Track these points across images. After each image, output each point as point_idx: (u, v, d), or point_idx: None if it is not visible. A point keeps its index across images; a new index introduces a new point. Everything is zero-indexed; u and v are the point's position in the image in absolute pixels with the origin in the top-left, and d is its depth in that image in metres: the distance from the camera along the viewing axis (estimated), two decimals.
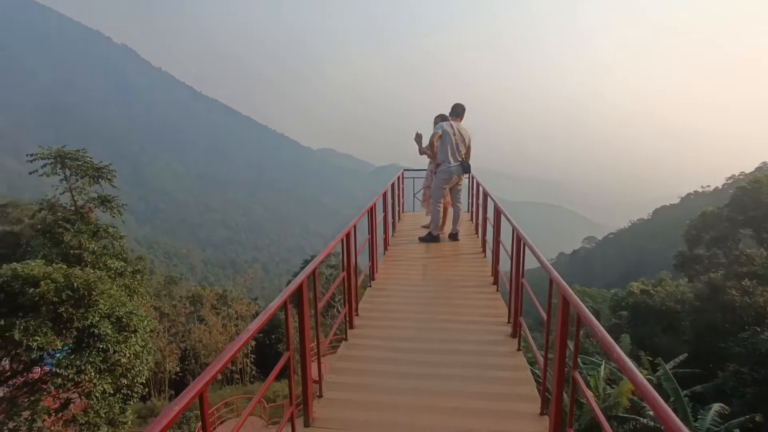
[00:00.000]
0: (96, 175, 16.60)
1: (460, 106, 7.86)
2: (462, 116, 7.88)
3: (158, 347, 28.80)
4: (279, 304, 2.47)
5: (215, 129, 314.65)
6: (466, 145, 7.77)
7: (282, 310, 2.59)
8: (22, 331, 7.99)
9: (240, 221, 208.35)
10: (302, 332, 2.90)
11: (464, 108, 7.92)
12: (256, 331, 2.16)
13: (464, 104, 7.97)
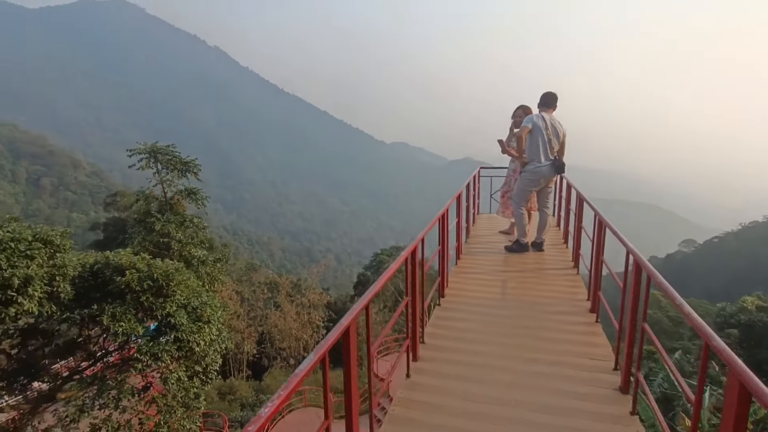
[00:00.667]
0: (183, 168, 17.74)
1: (551, 95, 6.65)
2: (554, 107, 6.67)
3: (238, 329, 30.69)
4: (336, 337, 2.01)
5: (296, 124, 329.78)
6: (560, 141, 6.64)
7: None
8: (110, 317, 8.56)
9: (316, 212, 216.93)
10: (348, 391, 2.32)
11: (556, 97, 6.65)
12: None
13: (556, 94, 6.70)
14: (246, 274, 44.33)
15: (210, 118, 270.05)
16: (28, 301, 7.74)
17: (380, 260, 54.06)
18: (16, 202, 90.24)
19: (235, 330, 30.10)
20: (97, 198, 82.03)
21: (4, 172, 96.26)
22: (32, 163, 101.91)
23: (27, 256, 7.83)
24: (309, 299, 36.16)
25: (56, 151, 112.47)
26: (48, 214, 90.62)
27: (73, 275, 8.88)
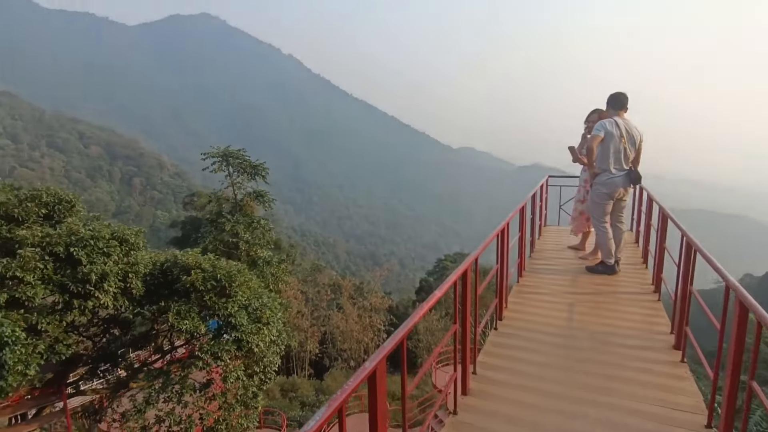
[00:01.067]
0: (253, 172, 18.41)
1: (623, 96, 5.86)
2: (626, 108, 5.88)
3: (302, 328, 31.46)
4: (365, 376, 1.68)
5: (363, 129, 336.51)
6: (636, 148, 5.87)
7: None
8: (175, 314, 8.86)
9: (381, 216, 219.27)
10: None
11: (627, 97, 5.87)
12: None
13: (627, 93, 5.88)
14: (311, 274, 45.59)
15: (283, 123, 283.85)
16: (104, 296, 8.21)
17: (443, 266, 53.13)
18: (111, 200, 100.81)
19: (299, 328, 30.86)
20: (179, 197, 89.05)
21: (102, 172, 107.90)
22: (125, 164, 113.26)
23: (104, 253, 8.32)
24: (371, 302, 36.28)
25: (146, 154, 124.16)
26: (137, 211, 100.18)
27: (145, 272, 9.35)
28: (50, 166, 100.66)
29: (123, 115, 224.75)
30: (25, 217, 8.17)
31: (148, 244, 36.28)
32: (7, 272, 7.14)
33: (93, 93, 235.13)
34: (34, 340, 7.52)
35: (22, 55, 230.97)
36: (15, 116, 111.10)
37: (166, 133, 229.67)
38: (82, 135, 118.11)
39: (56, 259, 7.91)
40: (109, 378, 11.97)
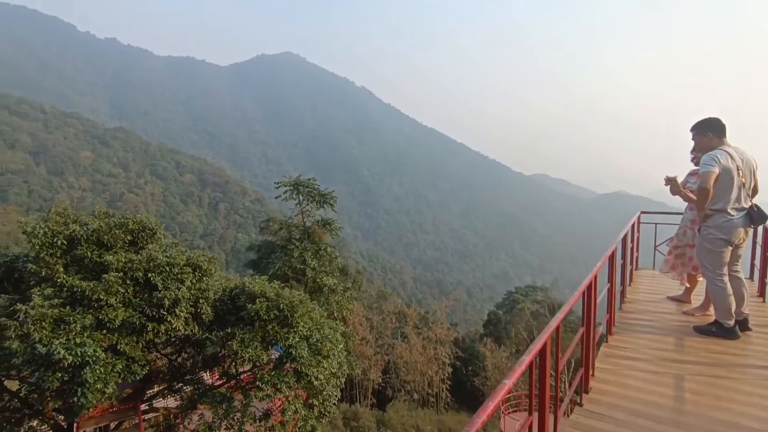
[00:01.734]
0: (321, 200, 18.89)
1: (721, 121, 4.99)
2: (725, 134, 4.96)
3: (366, 356, 31.18)
4: None
5: (432, 156, 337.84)
6: (754, 180, 4.92)
7: None
8: (239, 342, 9.04)
9: (449, 243, 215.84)
10: None
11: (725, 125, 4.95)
12: None
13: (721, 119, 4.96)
14: (377, 301, 45.48)
15: (355, 150, 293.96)
16: (176, 320, 8.59)
17: (514, 299, 50.43)
18: (200, 222, 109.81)
19: (363, 356, 30.60)
20: (257, 221, 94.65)
21: (193, 197, 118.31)
22: (213, 191, 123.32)
23: (178, 280, 8.76)
24: (436, 334, 35.22)
25: (231, 181, 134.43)
26: (221, 234, 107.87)
27: (214, 299, 9.71)
28: (152, 192, 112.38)
29: (213, 145, 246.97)
30: (113, 243, 8.89)
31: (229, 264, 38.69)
32: (94, 294, 7.73)
33: (190, 126, 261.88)
34: (113, 360, 8.00)
35: (136, 96, 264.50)
36: (127, 148, 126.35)
37: (249, 161, 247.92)
38: (178, 164, 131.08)
39: (136, 284, 8.45)
40: (183, 395, 12.51)
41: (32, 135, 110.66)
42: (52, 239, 8.28)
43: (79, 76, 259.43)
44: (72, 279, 7.94)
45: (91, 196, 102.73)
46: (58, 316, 7.43)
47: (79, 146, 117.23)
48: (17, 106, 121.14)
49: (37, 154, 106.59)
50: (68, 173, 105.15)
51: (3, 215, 75.55)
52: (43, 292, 7.74)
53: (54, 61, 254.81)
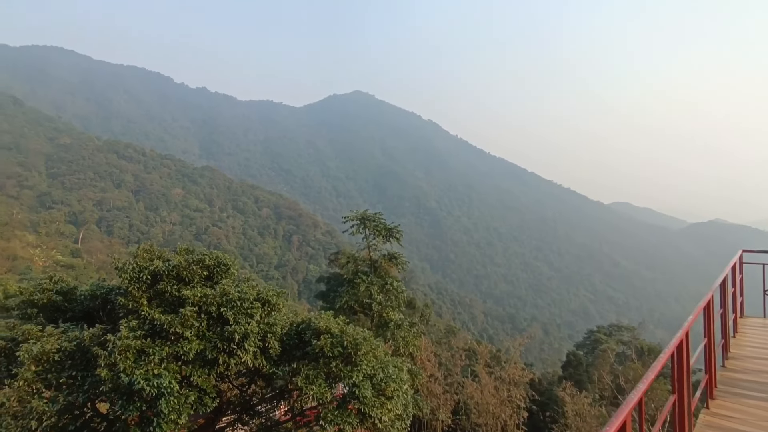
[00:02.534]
0: (388, 234, 18.90)
1: None
2: None
3: (435, 393, 29.99)
4: None
5: (501, 186, 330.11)
6: None
7: None
8: (304, 378, 9.03)
9: (521, 277, 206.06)
10: None
11: None
12: None
13: None
14: (445, 336, 44.01)
15: (423, 183, 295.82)
16: (245, 355, 8.79)
17: (596, 339, 46.38)
18: (275, 254, 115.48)
19: (432, 394, 29.46)
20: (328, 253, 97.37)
21: (269, 230, 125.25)
22: (288, 223, 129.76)
23: (248, 314, 9.04)
24: (509, 374, 33.08)
25: (304, 214, 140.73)
26: (294, 265, 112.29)
27: (282, 333, 9.87)
28: (233, 225, 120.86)
29: (288, 180, 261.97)
30: (190, 278, 9.44)
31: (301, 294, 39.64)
32: (171, 328, 8.19)
33: (267, 163, 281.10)
34: (186, 392, 8.31)
35: (222, 137, 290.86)
36: (212, 185, 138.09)
37: (321, 195, 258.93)
38: (257, 199, 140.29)
39: (210, 318, 8.84)
40: (251, 427, 12.70)
41: (135, 175, 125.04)
42: (138, 274, 8.99)
43: (174, 121, 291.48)
44: (153, 312, 8.49)
45: (180, 229, 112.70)
46: (140, 347, 7.93)
47: (171, 184, 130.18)
48: (125, 150, 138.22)
49: (138, 192, 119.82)
50: (162, 209, 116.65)
51: (108, 247, 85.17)
52: (129, 323, 8.34)
53: (155, 110, 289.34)
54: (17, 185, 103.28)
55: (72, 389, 8.28)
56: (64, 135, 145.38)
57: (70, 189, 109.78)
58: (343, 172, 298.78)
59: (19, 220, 77.43)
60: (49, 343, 8.18)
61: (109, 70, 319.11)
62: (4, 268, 51.17)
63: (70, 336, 8.61)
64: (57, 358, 8.28)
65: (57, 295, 10.39)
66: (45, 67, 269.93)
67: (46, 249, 66.68)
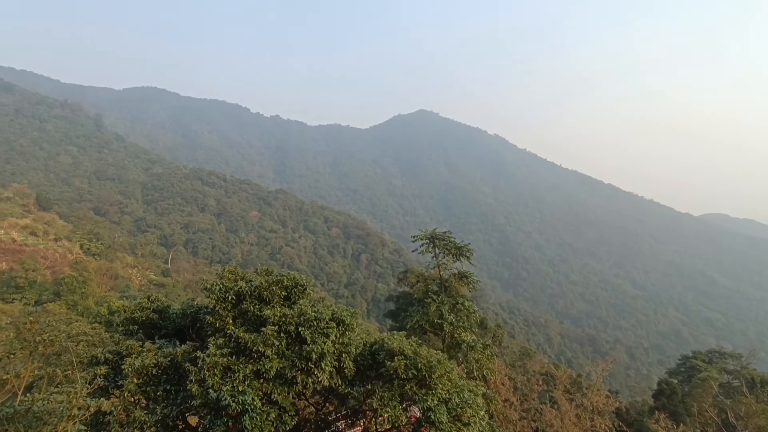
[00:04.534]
0: (458, 253, 18.55)
1: None
2: None
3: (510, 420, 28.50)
4: None
5: (576, 199, 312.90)
6: None
7: None
8: (378, 400, 8.98)
9: (601, 296, 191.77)
10: None
11: None
12: None
13: None
14: (520, 359, 41.88)
15: (490, 199, 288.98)
16: (321, 374, 8.96)
17: (693, 366, 41.93)
18: (344, 272, 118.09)
19: (507, 420, 28.08)
20: (396, 272, 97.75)
21: (339, 249, 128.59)
22: (356, 242, 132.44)
23: (324, 334, 9.23)
24: (592, 401, 30.72)
25: (371, 233, 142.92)
26: (362, 283, 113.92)
27: (356, 353, 9.95)
28: (304, 245, 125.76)
29: (356, 200, 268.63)
30: (270, 298, 9.87)
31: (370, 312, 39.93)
32: (254, 346, 8.57)
33: (335, 184, 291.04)
34: (267, 409, 8.61)
35: (293, 161, 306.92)
36: (285, 207, 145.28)
37: (388, 213, 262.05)
38: (326, 219, 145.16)
39: (288, 336, 9.15)
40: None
41: (217, 200, 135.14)
42: (225, 294, 9.57)
43: (251, 148, 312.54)
44: (238, 331, 8.95)
45: (257, 249, 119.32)
46: (226, 364, 8.37)
47: (249, 207, 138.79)
48: (208, 177, 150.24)
49: (220, 215, 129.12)
50: (240, 230, 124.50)
51: (194, 266, 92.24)
52: (217, 341, 8.87)
53: (234, 138, 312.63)
54: (119, 211, 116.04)
55: (167, 402, 8.92)
56: (156, 165, 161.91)
57: (162, 214, 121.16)
58: (409, 191, 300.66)
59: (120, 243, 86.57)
60: (148, 358, 8.91)
61: (194, 105, 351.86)
62: (107, 287, 57.21)
63: (165, 352, 9.33)
64: (154, 372, 8.99)
65: (154, 314, 11.36)
66: (141, 106, 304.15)
67: (142, 269, 73.68)
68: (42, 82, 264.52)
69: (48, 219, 75.86)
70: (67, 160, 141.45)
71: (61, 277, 49.13)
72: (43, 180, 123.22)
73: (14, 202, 79.27)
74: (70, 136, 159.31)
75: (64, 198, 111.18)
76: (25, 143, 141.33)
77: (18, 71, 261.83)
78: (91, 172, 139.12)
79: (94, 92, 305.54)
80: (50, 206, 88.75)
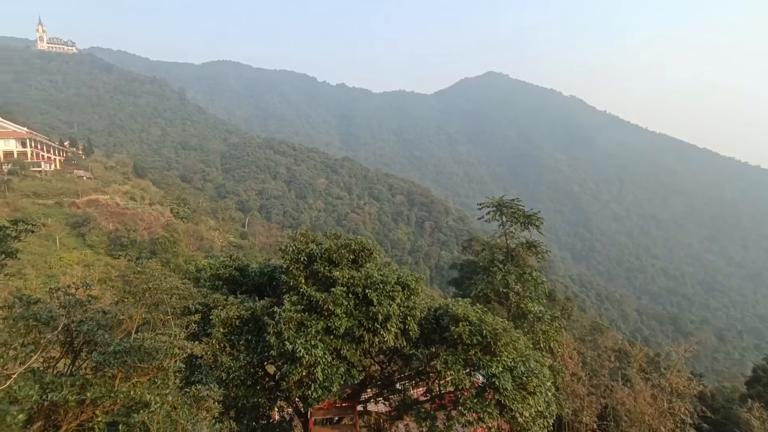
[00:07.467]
0: (526, 221, 17.96)
1: None
2: None
3: (578, 394, 27.89)
4: None
5: (663, 166, 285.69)
6: None
7: None
8: (443, 363, 9.21)
9: (687, 271, 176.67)
10: None
11: None
12: None
13: None
14: (590, 333, 40.44)
15: (563, 165, 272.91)
16: (387, 334, 9.32)
17: None
18: (407, 239, 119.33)
19: (574, 394, 27.49)
20: (460, 240, 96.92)
21: (402, 216, 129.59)
22: (420, 210, 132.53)
23: (390, 296, 9.53)
24: (671, 382, 28.99)
25: (435, 200, 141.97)
26: (426, 251, 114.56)
27: (420, 317, 10.19)
28: (369, 212, 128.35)
29: (420, 167, 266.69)
30: (339, 260, 10.33)
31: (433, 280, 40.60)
32: (325, 305, 9.10)
33: (400, 151, 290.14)
34: (337, 363, 9.19)
35: (358, 129, 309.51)
36: (351, 174, 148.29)
37: (452, 181, 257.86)
38: (391, 186, 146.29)
39: (356, 298, 9.57)
40: (391, 403, 13.51)
41: (287, 167, 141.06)
42: (297, 255, 10.17)
43: (318, 117, 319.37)
44: (310, 289, 9.52)
45: (324, 215, 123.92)
46: (300, 320, 9.00)
47: (316, 175, 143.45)
48: (278, 146, 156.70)
49: (290, 182, 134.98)
50: (309, 197, 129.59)
51: (267, 230, 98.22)
52: (291, 298, 9.51)
53: (303, 108, 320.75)
54: (201, 179, 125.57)
55: (248, 351, 9.84)
56: (233, 135, 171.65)
57: (239, 180, 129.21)
58: (474, 157, 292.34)
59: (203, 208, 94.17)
60: (232, 310, 9.82)
61: (266, 76, 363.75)
62: (194, 247, 62.94)
63: (246, 306, 10.21)
64: (237, 323, 9.91)
65: (235, 271, 12.39)
66: (219, 79, 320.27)
67: (223, 232, 79.92)
68: (135, 60, 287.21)
69: (143, 185, 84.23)
70: (157, 132, 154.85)
71: (156, 237, 54.85)
72: (138, 150, 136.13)
73: (116, 170, 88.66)
74: (158, 109, 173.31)
75: (156, 166, 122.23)
76: (123, 117, 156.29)
77: (115, 51, 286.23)
78: (177, 143, 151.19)
79: (178, 68, 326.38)
80: (145, 174, 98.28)
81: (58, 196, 60.20)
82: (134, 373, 5.58)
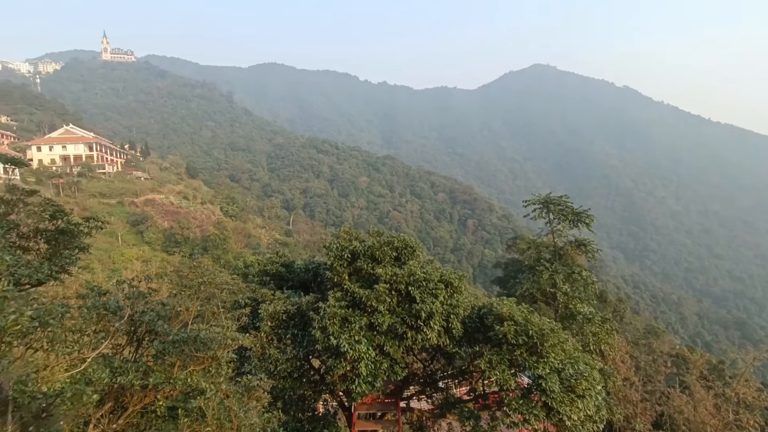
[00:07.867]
0: (575, 219, 17.32)
1: None
2: None
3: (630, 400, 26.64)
4: None
5: (726, 159, 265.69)
6: None
7: None
8: (487, 362, 9.09)
9: (756, 273, 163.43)
10: None
11: None
12: None
13: None
14: (644, 337, 38.52)
15: (615, 160, 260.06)
16: (430, 332, 9.31)
17: None
18: (450, 237, 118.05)
19: (626, 400, 26.28)
20: (504, 238, 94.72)
21: (445, 214, 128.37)
22: (462, 208, 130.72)
23: (432, 294, 9.51)
24: (737, 392, 27.05)
25: (478, 198, 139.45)
26: (469, 249, 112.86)
27: (464, 315, 10.09)
28: (411, 210, 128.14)
29: (462, 164, 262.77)
30: (382, 257, 10.42)
31: (476, 278, 40.14)
32: (368, 301, 9.22)
33: (442, 148, 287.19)
34: (380, 359, 9.29)
35: (400, 127, 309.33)
36: (393, 173, 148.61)
37: (496, 178, 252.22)
38: (433, 184, 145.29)
39: (399, 295, 9.63)
40: (434, 401, 13.48)
41: (330, 166, 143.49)
42: (341, 253, 10.36)
43: (360, 116, 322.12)
44: (353, 286, 9.68)
45: (366, 213, 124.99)
46: (344, 315, 9.17)
47: (359, 173, 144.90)
48: (321, 145, 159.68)
49: (332, 180, 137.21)
50: (351, 195, 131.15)
51: (311, 228, 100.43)
52: (335, 294, 9.71)
53: (345, 107, 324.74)
54: (249, 178, 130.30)
55: (295, 344, 10.14)
56: (278, 136, 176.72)
57: (284, 180, 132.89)
58: (519, 154, 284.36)
59: (251, 207, 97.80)
60: (279, 305, 10.16)
61: (309, 77, 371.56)
62: (242, 244, 65.51)
63: (292, 301, 10.53)
64: (284, 317, 10.24)
65: (282, 267, 12.79)
66: (264, 81, 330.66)
67: (269, 229, 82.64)
68: (186, 66, 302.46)
69: (195, 185, 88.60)
70: (207, 134, 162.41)
71: (208, 234, 57.56)
72: (190, 152, 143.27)
73: (170, 171, 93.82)
74: (208, 112, 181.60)
75: (207, 167, 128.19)
76: (176, 120, 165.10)
77: (168, 58, 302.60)
78: (226, 144, 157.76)
79: (226, 72, 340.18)
80: (197, 174, 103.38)
81: (119, 195, 64.54)
82: (191, 362, 5.94)
